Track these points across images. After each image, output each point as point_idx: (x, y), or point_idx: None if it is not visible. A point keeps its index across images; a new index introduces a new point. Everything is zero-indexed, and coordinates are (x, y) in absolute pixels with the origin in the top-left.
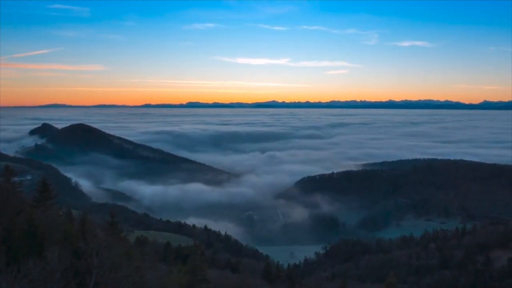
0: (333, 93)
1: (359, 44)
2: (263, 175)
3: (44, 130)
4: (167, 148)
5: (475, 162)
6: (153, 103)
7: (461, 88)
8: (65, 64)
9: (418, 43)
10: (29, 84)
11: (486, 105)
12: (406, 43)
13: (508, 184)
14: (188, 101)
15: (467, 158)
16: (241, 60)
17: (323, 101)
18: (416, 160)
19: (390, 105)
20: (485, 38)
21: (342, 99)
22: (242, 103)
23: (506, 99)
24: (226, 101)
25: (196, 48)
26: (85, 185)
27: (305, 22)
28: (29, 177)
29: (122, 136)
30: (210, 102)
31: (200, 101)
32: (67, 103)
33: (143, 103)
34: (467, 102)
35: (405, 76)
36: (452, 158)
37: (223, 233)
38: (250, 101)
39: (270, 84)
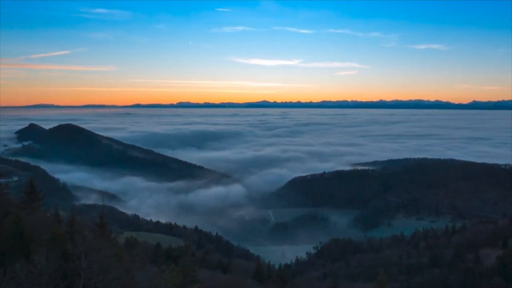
0: (329, 93)
1: (378, 47)
2: (253, 175)
3: (31, 130)
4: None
5: (465, 162)
6: (143, 103)
7: (452, 88)
8: (75, 65)
9: (435, 46)
10: (24, 84)
11: (476, 105)
12: (422, 46)
13: (496, 183)
14: (178, 101)
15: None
16: (254, 61)
17: (314, 101)
18: (406, 159)
19: (381, 105)
20: (482, 39)
21: (334, 99)
22: (233, 103)
23: (495, 99)
24: (218, 101)
25: (214, 50)
26: (73, 186)
27: (332, 25)
28: (15, 179)
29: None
30: (201, 102)
31: (191, 101)
32: (54, 103)
33: (133, 103)
34: (456, 102)
35: (405, 77)
36: (442, 158)
37: (214, 233)
38: (241, 101)
39: (268, 85)
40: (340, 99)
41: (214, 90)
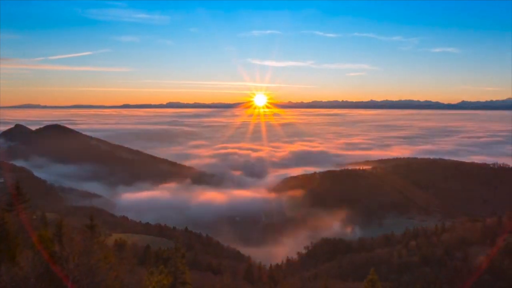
0: (328, 94)
1: (395, 50)
2: (243, 175)
3: (17, 131)
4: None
5: (454, 161)
6: (132, 103)
7: (441, 89)
8: (91, 66)
9: (449, 49)
10: (22, 84)
11: (464, 105)
12: (438, 49)
13: (485, 182)
14: (168, 101)
15: None
16: (267, 63)
17: (305, 101)
18: (396, 159)
19: (371, 105)
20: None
21: (325, 99)
22: (223, 103)
23: (483, 99)
24: (208, 101)
25: (234, 52)
26: (60, 187)
27: (358, 29)
28: (1, 180)
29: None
30: (191, 102)
31: (181, 101)
32: (41, 104)
33: (122, 103)
34: (446, 102)
35: (409, 78)
36: (432, 157)
37: (204, 234)
38: (231, 102)
39: (269, 85)
40: (331, 99)
41: (213, 91)
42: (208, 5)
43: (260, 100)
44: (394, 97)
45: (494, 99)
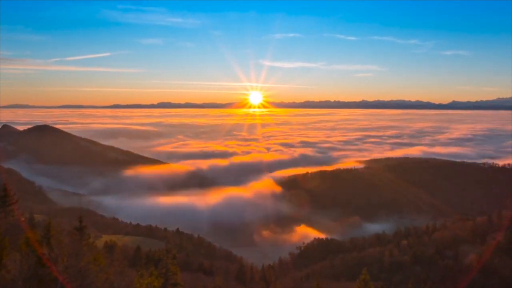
0: (319, 94)
1: (408, 53)
2: (233, 175)
3: (5, 131)
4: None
5: (444, 160)
6: (122, 103)
7: (433, 89)
8: (101, 67)
9: (460, 52)
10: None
11: (455, 105)
12: (449, 52)
13: (475, 181)
14: (159, 101)
15: None
16: (277, 64)
17: (297, 101)
18: (388, 158)
19: (363, 105)
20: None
21: (317, 99)
22: (215, 103)
23: (473, 99)
24: (200, 101)
25: (250, 54)
26: (49, 189)
27: (378, 33)
28: None
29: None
30: (183, 102)
31: (172, 101)
32: (30, 103)
33: (112, 103)
34: (437, 102)
35: (411, 79)
36: (423, 157)
37: (195, 235)
38: (224, 102)
39: (268, 85)
40: (323, 99)
41: (214, 91)
42: (241, 8)
43: (253, 100)
44: (386, 97)
45: (484, 99)
